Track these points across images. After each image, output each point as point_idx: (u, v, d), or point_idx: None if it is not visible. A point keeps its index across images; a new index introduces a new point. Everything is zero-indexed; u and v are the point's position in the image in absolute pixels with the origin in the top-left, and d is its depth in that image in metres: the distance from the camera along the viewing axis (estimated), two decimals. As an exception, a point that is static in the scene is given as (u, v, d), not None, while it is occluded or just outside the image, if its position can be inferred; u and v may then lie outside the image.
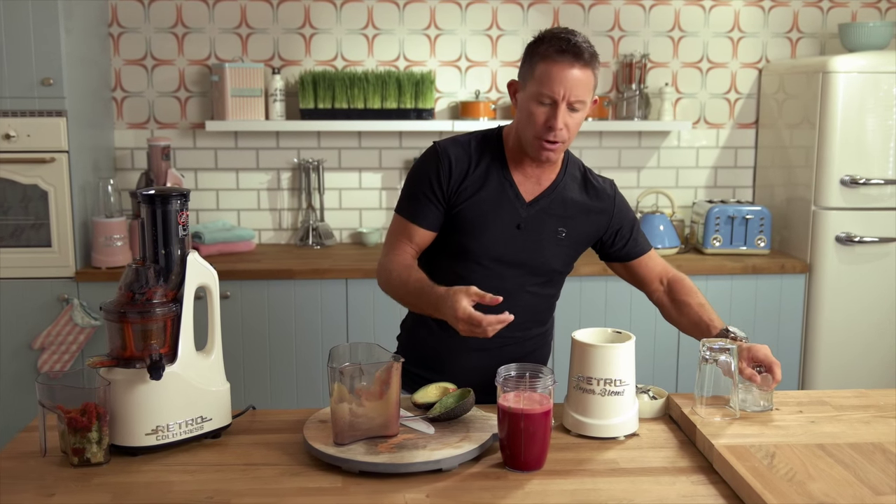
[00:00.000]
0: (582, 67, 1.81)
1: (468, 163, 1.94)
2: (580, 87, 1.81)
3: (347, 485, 1.46)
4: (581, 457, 1.58)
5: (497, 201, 1.93)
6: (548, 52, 1.82)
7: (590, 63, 1.83)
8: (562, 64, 1.80)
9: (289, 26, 3.67)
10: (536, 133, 1.86)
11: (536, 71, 1.83)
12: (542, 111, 1.84)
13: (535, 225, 1.96)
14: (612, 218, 2.04)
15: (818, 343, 3.44)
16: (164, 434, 1.58)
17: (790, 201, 3.60)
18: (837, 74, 3.30)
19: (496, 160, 1.96)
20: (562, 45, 1.81)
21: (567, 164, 2.02)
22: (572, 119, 1.85)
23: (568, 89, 1.81)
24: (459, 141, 1.98)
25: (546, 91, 1.82)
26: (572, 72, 1.80)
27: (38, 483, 1.48)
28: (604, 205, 2.03)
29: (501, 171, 1.95)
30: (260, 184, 3.76)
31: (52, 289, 3.23)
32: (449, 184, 1.93)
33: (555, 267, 2.01)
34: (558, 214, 1.97)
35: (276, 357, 3.31)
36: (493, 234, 1.93)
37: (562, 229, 1.98)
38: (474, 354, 1.98)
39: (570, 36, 1.82)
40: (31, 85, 3.12)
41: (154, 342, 1.57)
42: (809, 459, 1.48)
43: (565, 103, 1.82)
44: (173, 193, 1.60)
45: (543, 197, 1.97)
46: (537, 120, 1.84)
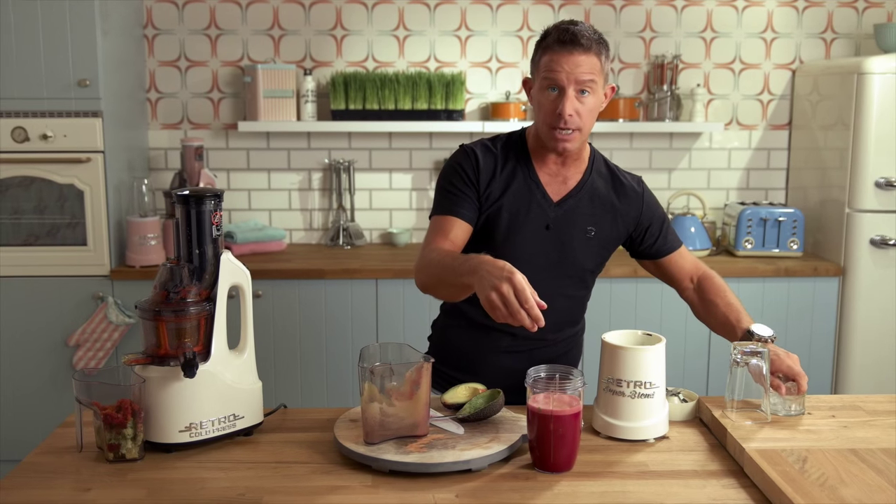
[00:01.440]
0: (584, 52, 1.82)
1: (494, 164, 1.95)
2: (584, 69, 1.83)
3: (377, 484, 1.47)
4: (610, 459, 1.58)
5: (525, 203, 1.94)
6: (549, 43, 1.85)
7: (592, 48, 1.84)
8: (562, 52, 1.83)
9: (320, 28, 3.70)
10: (549, 122, 1.87)
11: (541, 62, 1.87)
12: (550, 99, 1.86)
13: (564, 225, 1.95)
14: (641, 215, 2.03)
15: (851, 347, 3.40)
16: (198, 431, 1.60)
17: (823, 203, 3.57)
18: (873, 76, 3.26)
19: (521, 161, 1.96)
20: (562, 35, 1.83)
21: (593, 161, 2.02)
22: (583, 105, 1.85)
23: (570, 73, 1.82)
24: (484, 143, 1.99)
25: (550, 77, 1.84)
26: (575, 57, 1.82)
27: (74, 478, 1.50)
28: (632, 202, 2.02)
29: (527, 172, 1.96)
30: (291, 184, 3.78)
31: (87, 287, 3.28)
32: (479, 181, 1.93)
33: (586, 266, 2.01)
34: (587, 213, 1.97)
35: (306, 356, 3.34)
36: (522, 237, 1.93)
37: (591, 228, 1.97)
38: (504, 356, 1.98)
39: (571, 26, 1.85)
40: (67, 86, 3.17)
41: (188, 340, 1.59)
42: (842, 464, 1.47)
43: (572, 88, 1.83)
44: (207, 194, 1.62)
45: (571, 196, 1.97)
46: (547, 109, 1.86)
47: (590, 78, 1.83)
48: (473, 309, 1.93)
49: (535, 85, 1.92)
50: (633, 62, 3.78)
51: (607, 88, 1.93)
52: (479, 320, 1.96)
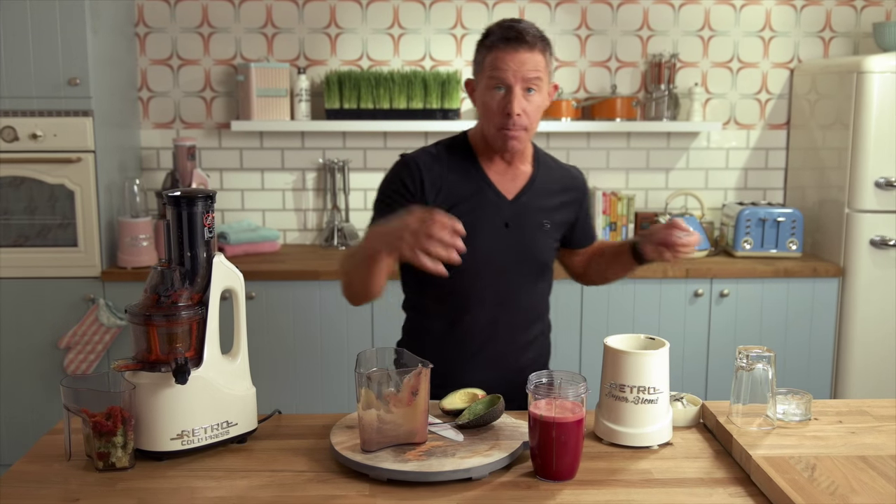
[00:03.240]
0: (529, 50, 1.82)
1: (440, 169, 1.92)
2: (530, 68, 1.82)
3: (375, 493, 1.43)
4: (614, 466, 1.54)
5: (480, 204, 1.92)
6: (493, 42, 1.84)
7: (537, 45, 1.83)
8: (507, 50, 1.81)
9: (314, 26, 3.65)
10: (496, 123, 1.86)
11: (486, 62, 1.85)
12: (497, 99, 1.84)
13: (522, 221, 1.95)
14: (581, 204, 2.07)
15: (851, 348, 3.37)
16: (190, 439, 1.56)
17: (823, 203, 3.54)
18: (872, 74, 3.23)
19: (469, 163, 1.94)
20: (506, 33, 1.82)
21: (538, 155, 2.02)
22: (530, 104, 1.85)
23: (518, 72, 1.81)
24: (427, 151, 1.96)
25: (496, 76, 1.82)
26: (519, 55, 1.81)
27: (62, 487, 1.46)
28: (577, 191, 2.06)
29: (477, 174, 1.94)
30: (285, 184, 3.74)
31: (77, 288, 3.23)
32: (423, 192, 1.89)
33: (545, 260, 2.01)
34: (540, 207, 1.98)
35: (300, 359, 3.30)
36: (483, 238, 1.91)
37: (546, 221, 1.99)
38: (474, 363, 1.94)
39: (513, 23, 1.85)
40: (57, 85, 3.13)
41: (179, 346, 1.55)
42: (851, 472, 1.43)
43: (519, 87, 1.82)
44: (199, 195, 1.58)
45: (524, 192, 1.96)
46: (494, 109, 1.85)
47: (536, 76, 1.83)
48: (439, 320, 1.93)
49: (479, 85, 1.90)
50: (631, 61, 3.75)
51: (550, 87, 1.92)
52: (446, 329, 1.94)
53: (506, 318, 1.95)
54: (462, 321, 1.93)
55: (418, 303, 2.02)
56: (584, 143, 3.78)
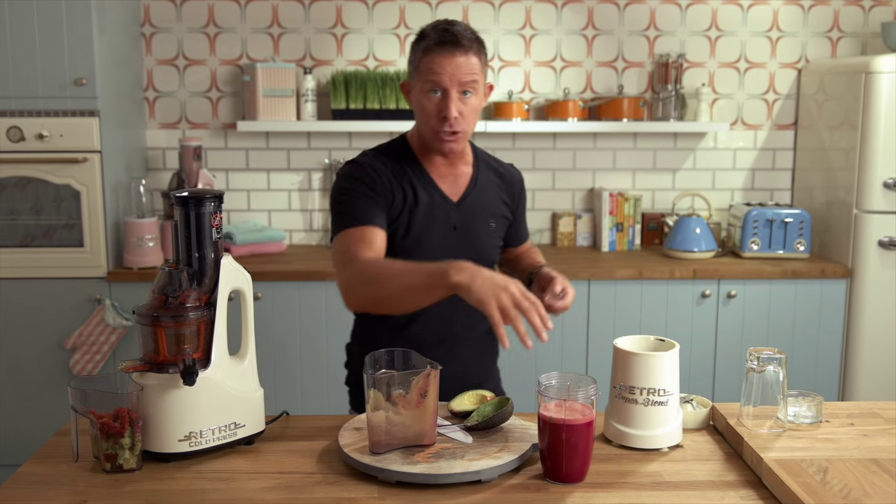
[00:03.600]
0: (465, 53, 1.82)
1: (389, 172, 1.91)
2: (466, 71, 1.82)
3: (384, 495, 1.42)
4: (624, 469, 1.53)
5: (428, 208, 1.92)
6: (428, 45, 1.84)
7: (472, 48, 1.83)
8: (443, 53, 1.81)
9: (320, 26, 3.65)
10: (433, 126, 1.86)
11: (422, 65, 1.85)
12: (433, 103, 1.84)
13: (469, 223, 1.96)
14: (518, 203, 2.08)
15: (859, 350, 3.35)
16: (198, 440, 1.55)
17: (830, 204, 3.52)
18: (881, 75, 3.22)
19: (412, 167, 1.94)
20: (442, 36, 1.82)
21: (478, 156, 2.02)
22: (466, 106, 1.85)
23: (454, 75, 1.81)
24: (368, 154, 1.96)
25: (433, 80, 1.82)
26: (455, 59, 1.81)
27: (70, 489, 1.45)
28: (514, 189, 2.07)
29: (422, 177, 1.93)
30: (291, 184, 3.74)
31: (83, 289, 3.23)
32: (382, 187, 1.88)
33: (492, 259, 2.02)
34: (484, 208, 1.98)
35: (307, 359, 3.29)
36: (432, 242, 1.91)
37: (491, 222, 2.00)
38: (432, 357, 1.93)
39: (448, 26, 1.84)
40: (63, 85, 3.12)
41: (187, 347, 1.54)
42: (864, 475, 1.42)
43: (455, 90, 1.82)
44: (207, 195, 1.57)
45: (469, 194, 1.97)
46: (431, 112, 1.85)
47: (472, 79, 1.83)
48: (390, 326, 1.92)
49: (415, 88, 1.89)
50: (637, 61, 3.74)
51: (486, 87, 1.92)
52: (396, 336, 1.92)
53: (458, 316, 1.93)
54: (415, 322, 1.92)
55: None
56: (590, 143, 3.77)
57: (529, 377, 3.27)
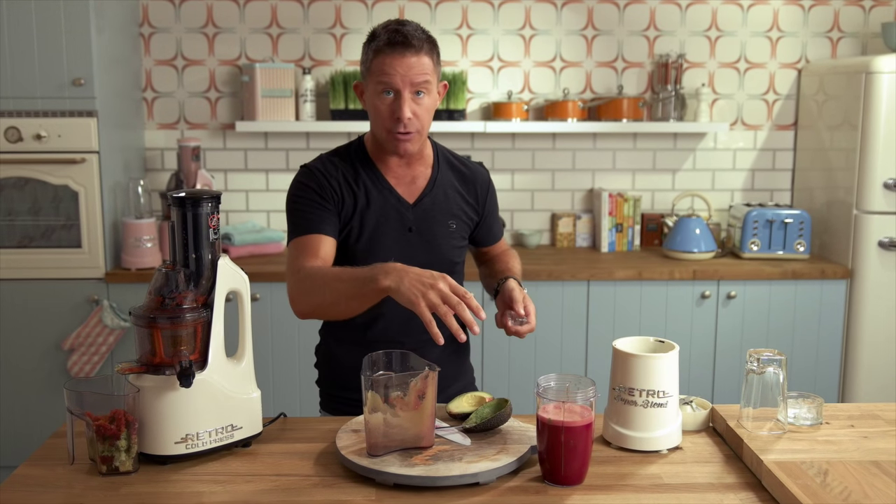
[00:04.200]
0: (416, 53, 1.81)
1: (342, 177, 1.91)
2: (417, 72, 1.81)
3: (381, 498, 1.41)
4: (623, 471, 1.52)
5: (381, 210, 1.91)
6: (379, 46, 1.82)
7: (423, 48, 1.82)
8: (394, 54, 1.80)
9: (319, 26, 3.64)
10: (387, 127, 1.85)
11: (373, 66, 1.84)
12: (386, 104, 1.84)
13: (426, 224, 1.94)
14: (485, 202, 2.05)
15: (859, 351, 3.35)
16: (194, 442, 1.54)
17: (830, 205, 3.52)
18: (881, 75, 3.21)
19: (366, 170, 1.93)
20: (393, 37, 1.81)
21: (438, 156, 2.01)
22: (420, 106, 1.84)
23: (405, 76, 1.81)
24: (326, 158, 1.96)
25: (385, 81, 1.81)
26: (406, 59, 1.80)
27: (65, 491, 1.44)
28: (479, 188, 2.04)
29: (376, 180, 1.93)
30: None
31: (81, 290, 3.22)
32: (332, 194, 1.89)
33: (454, 259, 2.00)
34: (444, 208, 1.97)
35: (305, 361, 3.27)
36: (386, 244, 1.90)
37: (451, 222, 1.97)
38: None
39: (399, 26, 1.83)
40: (62, 85, 3.12)
41: (184, 348, 1.53)
42: (864, 477, 1.41)
43: (408, 91, 1.82)
44: (204, 196, 1.56)
45: (426, 195, 1.95)
46: (384, 113, 1.84)
47: (424, 79, 1.83)
48: (353, 326, 1.91)
49: (367, 89, 1.88)
50: (637, 61, 3.73)
51: (440, 86, 1.92)
52: (361, 336, 1.92)
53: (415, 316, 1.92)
54: (376, 324, 1.91)
55: None
56: (590, 143, 3.76)
57: (528, 378, 3.28)
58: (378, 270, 1.65)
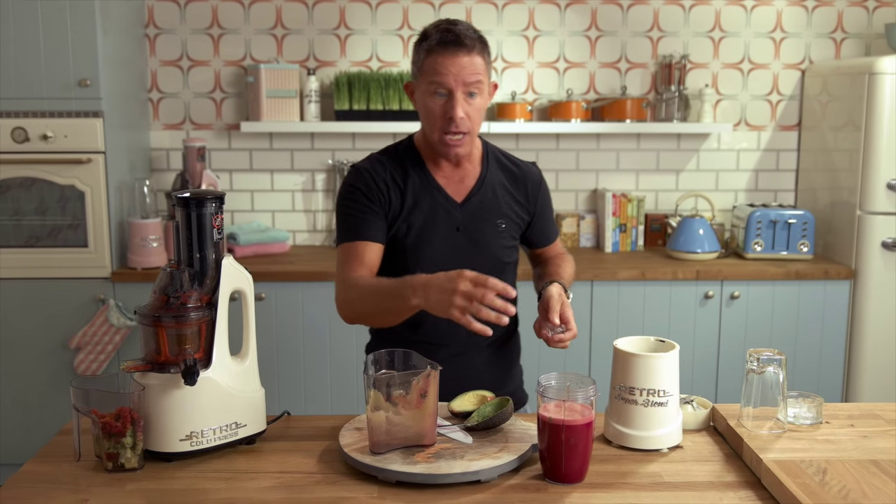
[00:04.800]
0: (468, 53, 1.80)
1: (391, 177, 1.91)
2: (470, 72, 1.81)
3: (384, 495, 1.43)
4: (623, 469, 1.54)
5: (430, 209, 1.91)
6: (432, 46, 1.82)
7: (475, 48, 1.82)
8: (446, 54, 1.80)
9: (324, 27, 3.66)
10: (439, 127, 1.85)
11: (425, 66, 1.83)
12: (439, 104, 1.83)
13: (474, 224, 1.94)
14: (537, 201, 2.04)
15: (863, 351, 3.35)
16: (199, 440, 1.56)
17: (834, 205, 3.52)
18: (884, 76, 3.22)
19: (416, 169, 1.93)
20: (445, 37, 1.80)
21: (487, 155, 2.00)
22: (472, 107, 1.84)
23: (459, 76, 1.80)
24: (375, 158, 1.96)
25: (438, 81, 1.81)
26: (459, 59, 1.80)
27: (71, 488, 1.46)
28: (529, 188, 2.03)
29: (425, 179, 1.93)
30: (294, 185, 3.74)
31: (88, 289, 3.24)
32: (380, 198, 1.89)
33: (504, 259, 1.99)
34: (493, 207, 1.96)
35: (309, 360, 3.30)
36: (434, 244, 1.90)
37: (500, 221, 1.96)
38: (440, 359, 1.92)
39: (451, 26, 1.82)
40: (68, 86, 3.14)
41: (189, 347, 1.55)
42: (863, 476, 1.42)
43: (460, 91, 1.81)
44: (208, 196, 1.58)
45: (474, 194, 1.95)
46: (436, 114, 1.84)
47: (476, 79, 1.82)
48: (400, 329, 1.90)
49: (419, 89, 1.87)
50: (641, 62, 3.74)
51: (490, 86, 1.91)
52: (408, 338, 1.92)
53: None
54: (424, 324, 1.91)
55: None
56: (593, 144, 3.77)
57: (531, 377, 3.28)
58: (406, 289, 1.67)
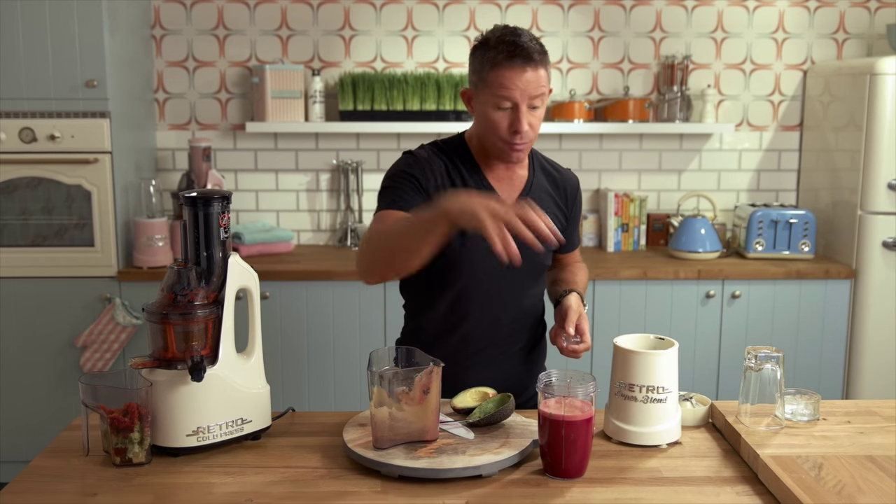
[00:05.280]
0: (535, 68, 1.80)
1: (444, 168, 1.92)
2: (535, 86, 1.81)
3: (387, 489, 1.45)
4: (623, 465, 1.56)
5: None
6: (497, 59, 1.80)
7: (541, 62, 1.82)
8: (513, 68, 1.79)
9: (328, 28, 3.68)
10: (503, 138, 1.85)
11: (489, 78, 1.82)
12: (503, 117, 1.83)
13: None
14: (572, 208, 2.08)
15: (863, 350, 3.37)
16: (205, 435, 1.58)
17: (835, 205, 3.54)
18: (886, 76, 3.23)
19: (469, 167, 1.94)
20: (510, 50, 1.79)
21: (534, 160, 2.03)
22: (534, 117, 1.85)
23: (525, 91, 1.80)
24: (430, 148, 1.96)
25: (504, 95, 1.81)
26: (526, 74, 1.79)
27: (80, 482, 1.49)
28: (570, 195, 2.06)
29: (478, 178, 1.94)
30: (299, 185, 3.77)
31: (94, 288, 3.27)
32: (431, 183, 1.89)
33: (545, 263, 2.02)
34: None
35: (313, 358, 3.32)
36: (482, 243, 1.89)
37: None
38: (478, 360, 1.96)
39: (515, 38, 1.80)
40: (75, 87, 3.17)
41: (195, 344, 1.57)
42: (858, 472, 1.44)
43: (525, 104, 1.82)
44: (215, 196, 1.60)
45: (523, 197, 1.97)
46: (501, 125, 1.84)
47: (541, 92, 1.83)
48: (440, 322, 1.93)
49: (480, 98, 1.86)
50: (643, 63, 3.76)
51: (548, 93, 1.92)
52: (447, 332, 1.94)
53: (506, 319, 1.96)
54: (463, 324, 1.93)
55: (419, 305, 2.02)
56: (596, 144, 3.79)
57: (535, 376, 3.30)
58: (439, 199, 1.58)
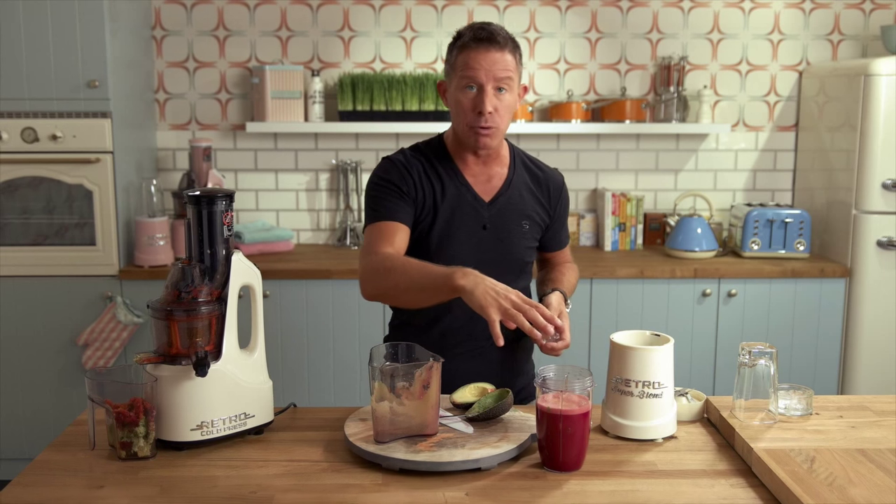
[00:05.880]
0: (500, 50, 1.86)
1: (422, 168, 1.96)
2: (500, 67, 1.86)
3: (388, 482, 1.48)
4: (619, 458, 1.59)
5: (457, 205, 1.96)
6: (465, 42, 1.88)
7: (507, 46, 1.88)
8: (478, 49, 1.86)
9: (328, 29, 3.71)
10: (468, 121, 1.90)
11: (457, 62, 1.89)
12: (468, 98, 1.88)
13: (500, 223, 1.99)
14: (557, 205, 2.09)
15: (858, 348, 3.40)
16: (209, 429, 1.61)
17: (830, 205, 3.57)
18: (880, 77, 3.26)
19: (445, 166, 1.98)
20: (477, 34, 1.87)
21: (514, 157, 2.05)
22: (501, 102, 1.89)
23: (489, 71, 1.85)
24: (406, 152, 2.01)
25: (469, 76, 1.87)
26: (491, 54, 1.86)
27: (86, 475, 1.51)
28: (553, 193, 2.08)
29: (455, 176, 1.97)
30: (299, 185, 3.80)
31: (95, 286, 3.29)
32: (410, 186, 1.94)
33: (525, 259, 2.05)
34: (519, 208, 2.01)
35: (314, 356, 3.35)
36: (459, 240, 1.95)
37: (525, 222, 2.02)
38: (461, 357, 1.98)
39: (484, 25, 1.89)
40: (77, 87, 3.19)
41: (199, 340, 1.60)
42: (850, 464, 1.47)
43: (490, 86, 1.86)
44: (219, 194, 1.63)
45: (501, 194, 2.00)
46: (466, 107, 1.89)
47: (507, 75, 1.87)
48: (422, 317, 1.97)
49: (451, 85, 1.93)
50: (640, 63, 3.79)
51: (520, 88, 1.97)
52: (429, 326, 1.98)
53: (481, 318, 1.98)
54: (443, 319, 1.97)
55: None
56: (593, 144, 3.82)
57: (532, 374, 3.33)
58: (457, 270, 1.69)
